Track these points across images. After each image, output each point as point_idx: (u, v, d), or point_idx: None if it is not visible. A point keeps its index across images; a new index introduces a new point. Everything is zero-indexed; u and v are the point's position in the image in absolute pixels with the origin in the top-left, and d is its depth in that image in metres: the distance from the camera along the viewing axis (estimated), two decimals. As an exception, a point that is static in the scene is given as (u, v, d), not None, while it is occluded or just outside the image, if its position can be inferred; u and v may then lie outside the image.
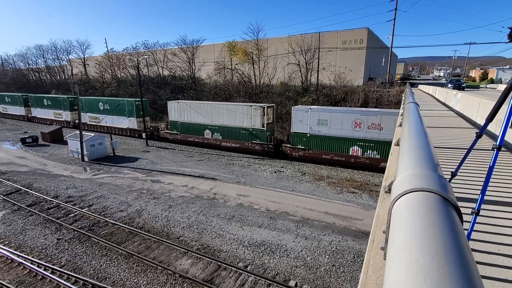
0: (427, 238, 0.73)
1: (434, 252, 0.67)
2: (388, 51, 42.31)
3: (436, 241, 0.71)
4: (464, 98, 11.34)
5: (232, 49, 46.53)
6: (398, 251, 0.74)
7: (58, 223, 14.51)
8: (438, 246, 0.69)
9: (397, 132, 6.24)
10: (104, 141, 27.42)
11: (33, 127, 43.46)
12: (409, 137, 2.12)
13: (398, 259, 0.70)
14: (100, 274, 10.88)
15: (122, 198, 17.56)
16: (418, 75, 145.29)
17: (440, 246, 0.69)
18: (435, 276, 0.59)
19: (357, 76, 41.51)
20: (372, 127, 22.42)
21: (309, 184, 20.21)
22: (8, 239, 13.14)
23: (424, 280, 0.58)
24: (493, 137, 6.24)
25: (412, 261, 0.66)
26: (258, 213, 15.49)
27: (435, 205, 0.91)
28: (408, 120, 3.12)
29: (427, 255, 0.66)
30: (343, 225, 14.31)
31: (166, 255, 11.94)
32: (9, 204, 16.67)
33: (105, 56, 60.38)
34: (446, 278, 0.58)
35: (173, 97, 43.90)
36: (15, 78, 75.38)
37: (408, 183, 1.09)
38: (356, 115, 23.14)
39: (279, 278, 10.58)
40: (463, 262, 0.64)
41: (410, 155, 1.62)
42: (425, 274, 0.60)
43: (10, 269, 11.25)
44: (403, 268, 0.65)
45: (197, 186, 19.63)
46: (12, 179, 20.79)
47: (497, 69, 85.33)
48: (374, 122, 22.29)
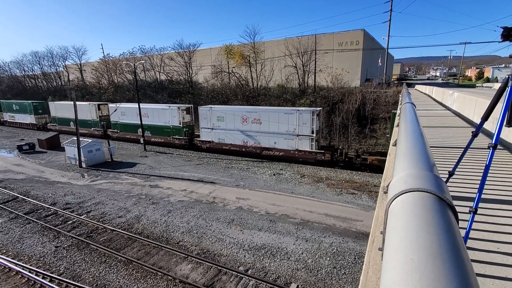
0: (422, 238, 0.73)
1: (430, 252, 0.67)
2: (385, 52, 42.59)
3: (431, 241, 0.72)
4: (461, 97, 11.41)
5: (229, 53, 46.67)
6: (394, 251, 0.75)
7: (56, 230, 14.40)
8: (434, 246, 0.70)
9: (394, 132, 6.26)
10: (102, 147, 27.32)
11: (29, 134, 43.29)
12: (406, 138, 2.13)
13: (394, 260, 0.70)
14: (99, 281, 10.78)
15: (121, 204, 17.47)
16: (414, 75, 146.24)
17: (435, 246, 0.69)
18: (430, 276, 0.59)
19: (354, 77, 41.68)
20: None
21: (308, 186, 20.20)
22: (5, 248, 13.01)
23: (419, 280, 0.58)
24: (489, 136, 6.27)
25: (407, 261, 0.66)
26: (258, 216, 15.45)
27: (431, 205, 0.92)
28: (405, 120, 3.14)
29: (422, 255, 0.66)
30: (343, 226, 14.29)
31: (166, 261, 11.86)
32: (6, 212, 16.53)
33: (102, 62, 60.37)
34: (441, 277, 0.58)
35: (170, 101, 43.91)
36: (11, 85, 75.07)
37: (404, 184, 1.10)
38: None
39: (280, 281, 10.53)
40: (458, 261, 0.64)
41: (406, 155, 1.63)
42: (420, 274, 0.60)
43: (8, 278, 11.13)
44: (399, 268, 0.65)
45: (196, 190, 19.57)
46: (9, 186, 20.64)
47: (493, 68, 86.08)
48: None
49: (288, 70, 42.83)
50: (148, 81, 54.68)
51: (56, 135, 34.76)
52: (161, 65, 52.49)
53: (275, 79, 44.03)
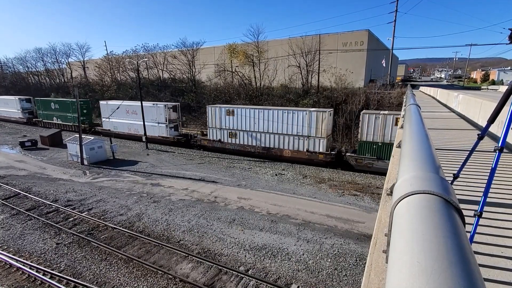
0: (429, 241, 0.72)
1: (436, 255, 0.66)
2: (389, 53, 42.40)
3: (438, 244, 0.70)
4: (466, 99, 11.33)
5: (232, 52, 46.67)
6: (399, 254, 0.73)
7: (57, 227, 14.47)
8: (440, 249, 0.68)
9: (398, 134, 6.23)
10: (104, 145, 27.44)
11: (32, 130, 43.54)
12: (411, 139, 2.10)
13: (400, 262, 0.69)
14: (99, 278, 10.82)
15: (122, 202, 17.53)
16: (419, 76, 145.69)
17: (442, 249, 0.68)
18: (437, 280, 0.57)
19: (358, 78, 41.56)
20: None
21: (310, 187, 20.16)
22: (6, 244, 13.09)
23: (426, 283, 0.57)
24: (495, 139, 6.22)
25: (413, 264, 0.64)
26: (259, 217, 15.45)
27: (437, 208, 0.90)
28: (410, 122, 3.11)
29: (429, 258, 0.65)
30: (345, 228, 14.25)
31: (166, 259, 11.89)
32: (8, 209, 16.64)
33: (105, 59, 60.57)
34: (448, 281, 0.57)
35: (173, 99, 44.00)
36: (14, 82, 75.48)
37: (409, 186, 1.08)
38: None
39: (281, 282, 10.52)
40: (465, 265, 0.63)
41: (412, 157, 1.61)
42: (427, 278, 0.59)
43: (8, 274, 11.20)
44: (405, 272, 0.64)
45: (198, 189, 19.60)
46: (11, 183, 20.78)
47: (498, 70, 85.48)
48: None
49: (292, 70, 42.77)
50: (151, 79, 54.83)
51: (59, 132, 34.91)
52: (164, 63, 52.63)
53: (278, 78, 43.99)
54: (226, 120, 28.99)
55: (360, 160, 23.70)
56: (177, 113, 34.24)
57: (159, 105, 32.94)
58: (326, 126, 24.10)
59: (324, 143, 24.51)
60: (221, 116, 29.23)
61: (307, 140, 25.14)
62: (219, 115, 29.33)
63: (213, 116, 29.67)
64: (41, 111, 46.24)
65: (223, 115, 28.96)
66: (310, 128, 24.67)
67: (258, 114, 27.06)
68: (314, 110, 24.85)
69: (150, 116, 33.21)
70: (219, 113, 29.31)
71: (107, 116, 36.43)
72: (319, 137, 24.55)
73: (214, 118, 29.65)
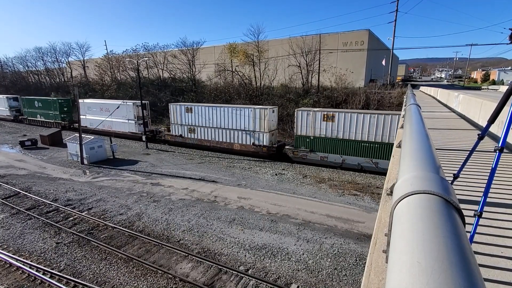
0: (429, 241, 0.72)
1: (436, 255, 0.66)
2: (389, 53, 42.39)
3: (438, 244, 0.70)
4: (466, 99, 11.33)
5: (232, 51, 46.67)
6: (399, 254, 0.73)
7: (57, 226, 14.47)
8: (440, 249, 0.68)
9: (398, 134, 6.22)
10: (104, 144, 27.44)
11: (32, 129, 43.55)
12: (411, 139, 2.10)
13: (400, 262, 0.69)
14: (99, 278, 10.83)
15: (122, 201, 17.53)
16: (419, 76, 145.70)
17: (442, 249, 0.68)
18: (437, 280, 0.57)
19: (358, 77, 41.57)
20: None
21: (310, 187, 20.17)
22: (6, 243, 13.09)
23: (426, 283, 0.57)
24: (495, 139, 6.22)
25: (414, 264, 0.64)
26: (259, 216, 15.45)
27: (437, 208, 0.90)
28: (410, 122, 3.11)
29: (429, 258, 0.65)
30: (345, 228, 14.26)
31: (166, 259, 11.89)
32: (8, 208, 16.64)
33: (105, 58, 60.56)
34: (448, 281, 0.57)
35: (173, 99, 44.03)
36: (14, 81, 75.42)
37: (410, 186, 1.08)
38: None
39: (281, 281, 10.52)
40: (465, 265, 0.63)
41: (412, 157, 1.60)
42: (427, 278, 0.58)
43: (8, 273, 11.20)
44: (405, 272, 0.64)
45: (198, 189, 19.60)
46: (11, 182, 20.78)
47: (499, 70, 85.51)
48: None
49: (292, 70, 42.77)
50: (151, 78, 54.83)
51: (58, 131, 34.95)
52: (164, 63, 52.64)
53: (279, 78, 44.00)
54: (185, 116, 31.23)
55: (296, 152, 26.16)
56: (147, 110, 35.71)
57: (128, 103, 34.64)
58: (268, 122, 26.49)
59: (267, 137, 26.84)
60: (181, 113, 31.33)
61: (253, 134, 27.53)
62: (180, 112, 31.49)
63: (175, 113, 31.85)
64: (26, 109, 47.10)
65: (183, 112, 31.18)
66: (255, 124, 27.12)
67: (212, 111, 29.36)
68: (258, 108, 27.25)
69: (121, 114, 34.86)
70: (179, 110, 31.47)
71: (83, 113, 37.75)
72: (263, 131, 26.86)
73: (176, 115, 31.82)
